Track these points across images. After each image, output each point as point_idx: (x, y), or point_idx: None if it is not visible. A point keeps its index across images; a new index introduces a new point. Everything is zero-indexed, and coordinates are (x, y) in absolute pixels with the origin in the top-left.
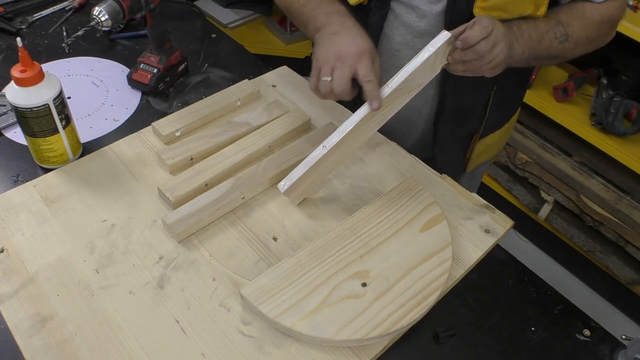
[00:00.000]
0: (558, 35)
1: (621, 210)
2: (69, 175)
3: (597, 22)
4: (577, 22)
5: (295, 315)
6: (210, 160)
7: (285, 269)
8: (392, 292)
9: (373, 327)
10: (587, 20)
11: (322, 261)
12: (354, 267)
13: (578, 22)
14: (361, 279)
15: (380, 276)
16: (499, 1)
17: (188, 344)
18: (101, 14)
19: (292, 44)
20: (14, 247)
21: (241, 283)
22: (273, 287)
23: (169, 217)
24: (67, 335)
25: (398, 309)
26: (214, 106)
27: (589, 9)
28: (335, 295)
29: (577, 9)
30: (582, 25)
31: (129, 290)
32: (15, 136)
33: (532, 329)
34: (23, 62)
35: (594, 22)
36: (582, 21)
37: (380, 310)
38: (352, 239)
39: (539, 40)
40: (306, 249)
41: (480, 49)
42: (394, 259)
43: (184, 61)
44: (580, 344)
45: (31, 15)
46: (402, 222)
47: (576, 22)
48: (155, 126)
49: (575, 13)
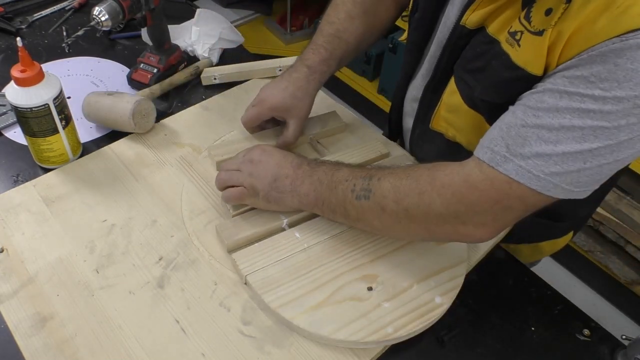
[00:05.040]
0: (357, 189)
1: (621, 210)
2: (69, 175)
3: (424, 186)
4: (395, 180)
5: (296, 309)
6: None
7: (294, 262)
8: (397, 300)
9: (371, 332)
10: (409, 180)
11: (332, 260)
12: (363, 270)
13: (396, 179)
14: (368, 282)
15: (387, 282)
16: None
17: (188, 344)
18: (101, 14)
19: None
20: (14, 247)
21: (241, 283)
22: (279, 279)
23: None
24: (67, 335)
25: (400, 317)
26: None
27: (431, 169)
28: (339, 295)
29: (417, 168)
30: (402, 184)
31: (129, 290)
32: (15, 136)
33: (532, 329)
34: (23, 62)
35: (419, 185)
36: (405, 179)
37: (382, 317)
38: (366, 242)
39: (331, 187)
40: (318, 246)
41: (219, 177)
42: (405, 267)
43: (184, 61)
44: (580, 344)
45: (31, 15)
46: None
47: (393, 179)
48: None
49: (407, 169)
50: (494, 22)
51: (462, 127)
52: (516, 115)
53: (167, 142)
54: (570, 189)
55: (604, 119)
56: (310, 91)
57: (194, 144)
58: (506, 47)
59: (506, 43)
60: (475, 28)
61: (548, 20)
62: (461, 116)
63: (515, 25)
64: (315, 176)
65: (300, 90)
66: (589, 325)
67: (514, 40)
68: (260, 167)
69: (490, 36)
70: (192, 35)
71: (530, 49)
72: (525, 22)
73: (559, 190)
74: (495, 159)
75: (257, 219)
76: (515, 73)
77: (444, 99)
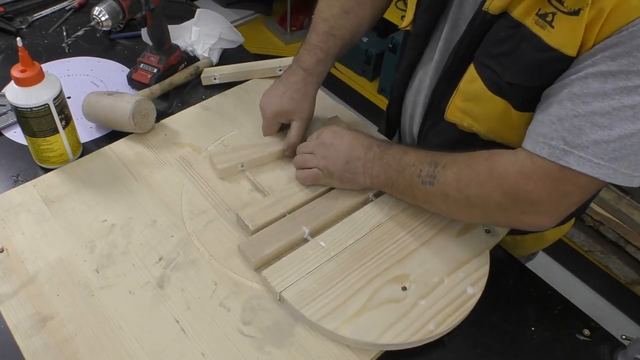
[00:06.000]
0: (423, 174)
1: (621, 210)
2: (69, 175)
3: (483, 177)
4: (458, 169)
5: (337, 319)
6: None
7: (325, 272)
8: (432, 296)
9: (414, 332)
10: (470, 170)
11: (362, 265)
12: (393, 272)
13: (459, 168)
14: (400, 283)
15: (419, 280)
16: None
17: (188, 344)
18: (101, 14)
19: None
20: (14, 247)
21: (241, 283)
22: (314, 291)
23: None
24: (67, 335)
25: (438, 313)
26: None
27: (489, 159)
28: (375, 299)
29: (477, 157)
30: (463, 174)
31: (129, 290)
32: (15, 136)
33: (532, 329)
34: (23, 62)
35: (478, 175)
36: (465, 169)
37: (421, 315)
38: (389, 243)
39: (399, 171)
40: (344, 253)
41: (296, 160)
42: (432, 263)
43: (184, 61)
44: (580, 344)
45: (31, 15)
46: (437, 227)
47: (456, 169)
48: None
49: (468, 158)
50: (519, 6)
51: (482, 115)
52: (565, 105)
53: (167, 142)
54: (630, 173)
55: None
56: (309, 93)
57: (194, 144)
58: (536, 29)
59: (536, 25)
60: (498, 13)
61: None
62: (483, 104)
63: (545, 7)
64: (385, 159)
65: (298, 92)
66: (589, 325)
67: (545, 22)
68: (332, 150)
69: (516, 20)
70: (192, 35)
71: (566, 30)
72: (556, 2)
73: (619, 175)
74: (555, 154)
75: (279, 232)
76: (548, 54)
77: (460, 88)
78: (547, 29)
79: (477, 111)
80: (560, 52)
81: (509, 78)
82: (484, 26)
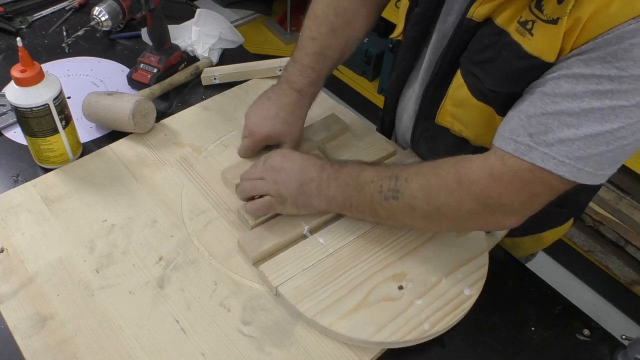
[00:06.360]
0: (384, 190)
1: (621, 210)
2: (69, 175)
3: (452, 185)
4: (424, 180)
5: (332, 315)
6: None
7: (323, 268)
8: (429, 296)
9: (409, 331)
10: (438, 179)
11: (359, 262)
12: (391, 270)
13: (425, 179)
14: (397, 281)
15: (417, 279)
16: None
17: (188, 344)
18: (101, 14)
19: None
20: (14, 247)
21: (241, 283)
22: (311, 287)
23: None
24: (67, 335)
25: (434, 313)
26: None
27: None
28: (372, 297)
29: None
30: (431, 184)
31: (129, 290)
32: (15, 136)
33: (532, 329)
34: (23, 62)
35: (447, 184)
36: (433, 179)
37: (417, 314)
38: (389, 241)
39: (358, 189)
40: (343, 249)
41: (244, 186)
42: (431, 263)
43: (184, 61)
44: (580, 344)
45: (31, 15)
46: None
47: (422, 180)
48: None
49: (434, 167)
50: (502, 13)
51: (469, 121)
52: (534, 103)
53: (167, 142)
54: (594, 172)
55: (622, 97)
56: (302, 115)
57: (194, 144)
58: (516, 36)
59: (516, 33)
60: (482, 20)
61: (562, 8)
62: (469, 110)
63: (526, 15)
64: (341, 178)
65: (292, 115)
66: (589, 325)
67: (525, 30)
68: (283, 174)
69: (499, 27)
70: (192, 35)
71: (545, 38)
72: (536, 11)
73: (583, 174)
74: (520, 149)
75: (278, 228)
76: (528, 62)
77: (449, 93)
78: (527, 37)
79: (466, 117)
80: (540, 60)
81: (491, 85)
82: (468, 34)
